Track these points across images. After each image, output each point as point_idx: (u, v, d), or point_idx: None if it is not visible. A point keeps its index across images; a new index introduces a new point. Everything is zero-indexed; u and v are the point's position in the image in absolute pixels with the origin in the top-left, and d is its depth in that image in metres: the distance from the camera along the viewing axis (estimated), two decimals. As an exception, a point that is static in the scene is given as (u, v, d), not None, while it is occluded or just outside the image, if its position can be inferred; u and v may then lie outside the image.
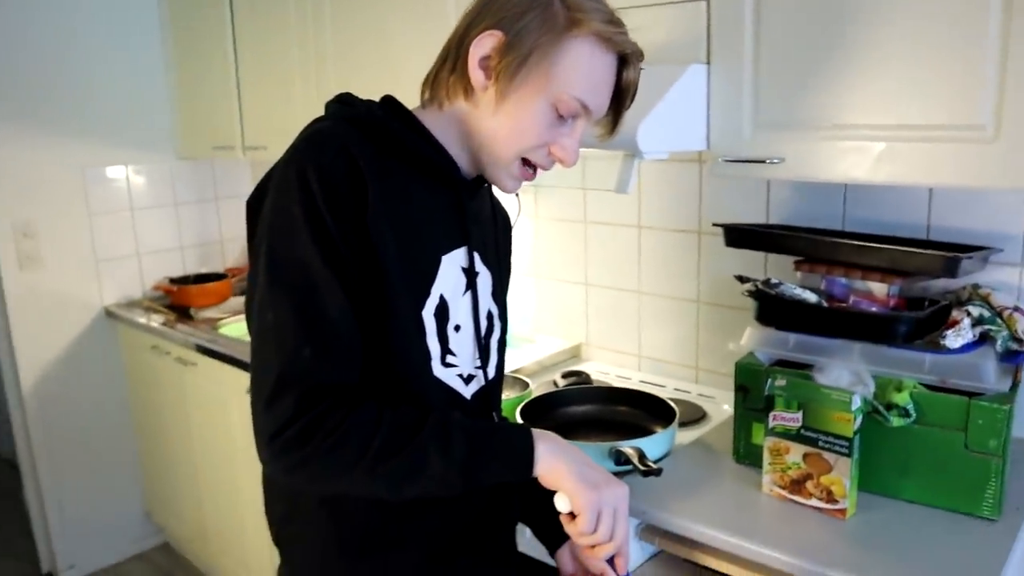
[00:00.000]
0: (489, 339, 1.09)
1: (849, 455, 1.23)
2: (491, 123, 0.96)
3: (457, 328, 1.02)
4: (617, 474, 1.38)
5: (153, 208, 3.00)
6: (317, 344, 0.86)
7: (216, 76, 2.67)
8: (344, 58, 2.15)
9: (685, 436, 1.59)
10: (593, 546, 0.95)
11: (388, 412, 0.90)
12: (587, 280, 2.10)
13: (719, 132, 1.43)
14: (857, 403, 1.23)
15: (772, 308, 1.44)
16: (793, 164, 1.36)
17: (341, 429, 0.86)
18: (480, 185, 1.08)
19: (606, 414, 1.63)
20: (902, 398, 1.27)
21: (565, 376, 1.86)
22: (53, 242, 2.76)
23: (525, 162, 0.99)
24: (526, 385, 1.69)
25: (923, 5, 1.19)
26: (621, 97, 0.98)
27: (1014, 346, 1.35)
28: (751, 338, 1.46)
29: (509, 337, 2.12)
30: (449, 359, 1.01)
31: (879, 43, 1.24)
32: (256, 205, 0.93)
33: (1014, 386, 1.29)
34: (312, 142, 0.91)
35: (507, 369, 1.84)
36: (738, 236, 1.49)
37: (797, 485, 1.30)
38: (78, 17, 2.71)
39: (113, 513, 3.02)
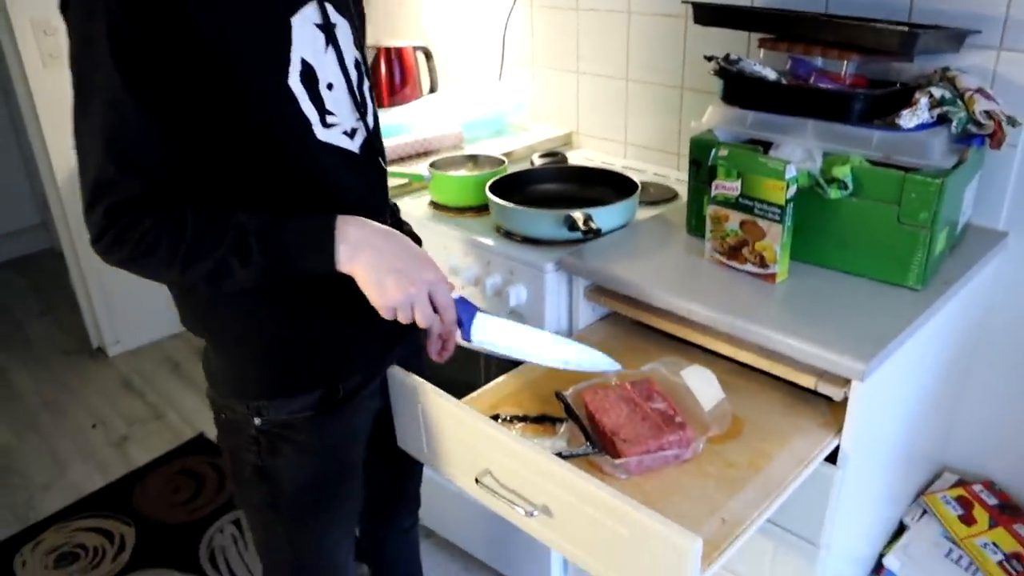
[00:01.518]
0: (362, 87, 1.11)
1: (781, 222, 1.30)
2: None
3: (330, 86, 1.03)
4: (568, 242, 1.49)
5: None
6: (120, 161, 0.91)
7: None
8: None
9: (650, 212, 1.67)
10: None
11: (192, 220, 0.94)
12: (579, 69, 2.12)
13: (689, -98, 1.41)
14: (792, 172, 1.28)
15: (734, 86, 1.47)
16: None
17: (149, 237, 0.93)
18: None
19: (575, 191, 1.70)
20: (843, 171, 1.32)
21: (542, 156, 1.92)
22: (73, 37, 2.82)
23: None
24: (501, 162, 1.77)
25: None
26: None
27: (972, 128, 1.37)
28: (711, 116, 1.49)
29: (504, 126, 2.20)
30: (329, 120, 1.04)
31: None
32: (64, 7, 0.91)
33: (957, 165, 1.32)
34: None
35: (499, 151, 1.91)
36: (705, 13, 1.49)
37: (734, 251, 1.38)
38: None
39: (152, 298, 3.24)
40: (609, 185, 1.68)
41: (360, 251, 0.98)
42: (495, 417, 1.24)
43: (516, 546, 1.83)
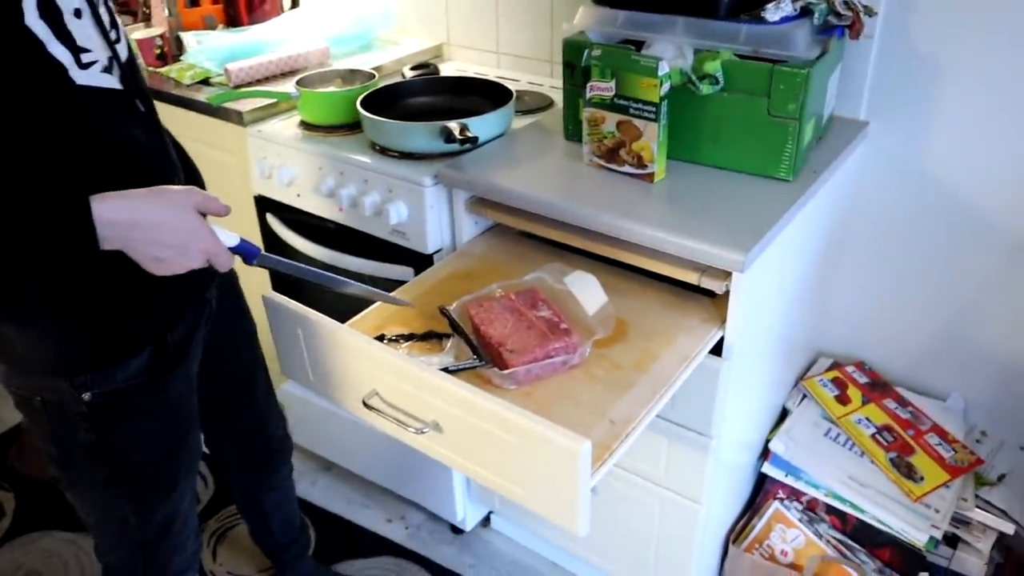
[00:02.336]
0: (108, 3, 0.97)
1: (656, 120, 1.29)
2: None
3: (78, 13, 0.88)
4: (446, 155, 1.45)
5: None
6: None
7: None
8: None
9: (526, 121, 1.64)
10: None
11: None
12: (447, -24, 2.04)
13: None
14: (664, 69, 1.27)
15: (604, -15, 1.44)
16: None
17: None
18: None
19: (449, 103, 1.65)
20: (713, 67, 1.32)
21: (413, 68, 1.85)
22: None
23: None
24: (371, 76, 1.69)
25: None
26: None
27: (832, 20, 1.39)
28: (582, 17, 1.45)
29: (371, 40, 2.11)
30: (84, 57, 0.89)
31: None
32: None
33: (821, 56, 1.34)
34: None
35: (368, 66, 1.82)
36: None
37: (612, 153, 1.37)
38: None
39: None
40: (483, 95, 1.63)
41: (126, 231, 0.87)
42: (380, 338, 1.20)
43: (417, 469, 1.83)
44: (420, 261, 1.50)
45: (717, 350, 1.27)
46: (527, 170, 1.42)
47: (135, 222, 0.87)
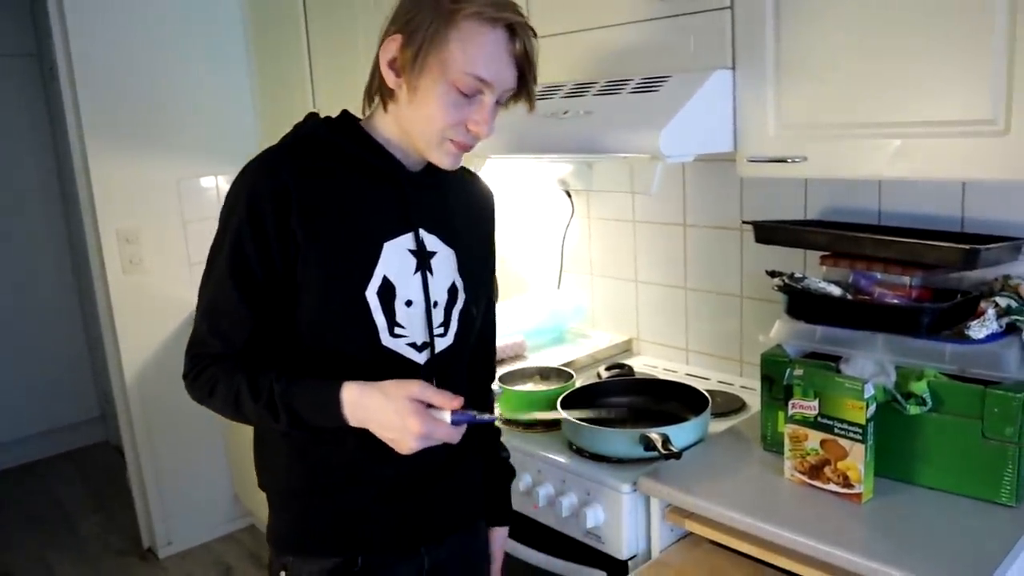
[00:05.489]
0: (450, 310, 1.20)
1: (863, 441, 1.29)
2: (410, 113, 1.10)
3: (409, 303, 1.15)
4: (644, 460, 1.48)
5: (240, 214, 3.22)
6: (210, 325, 1.13)
7: (295, 94, 2.85)
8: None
9: (721, 425, 1.66)
10: None
11: (240, 375, 1.10)
12: (637, 277, 2.18)
13: (744, 133, 1.50)
14: (870, 391, 1.28)
15: (800, 302, 1.50)
16: (815, 162, 1.42)
17: (211, 383, 1.11)
18: (431, 176, 1.19)
19: (646, 404, 1.71)
20: (920, 387, 1.32)
21: (609, 368, 1.94)
22: (152, 248, 3.00)
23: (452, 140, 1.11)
24: (570, 376, 1.79)
25: (933, 6, 1.24)
26: (522, 69, 1.09)
27: (1042, 336, 1.37)
28: (779, 331, 1.52)
29: (564, 332, 2.25)
30: (397, 330, 1.14)
31: (892, 44, 1.29)
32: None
33: (1036, 374, 1.31)
34: (251, 165, 1.11)
35: (560, 362, 1.94)
36: (766, 232, 1.55)
37: (816, 470, 1.36)
38: (172, 43, 2.96)
39: (206, 496, 3.26)
40: (679, 399, 1.69)
41: (358, 412, 1.06)
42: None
43: None
44: (614, 566, 1.49)
45: None
46: (727, 483, 1.43)
47: (363, 406, 1.06)
